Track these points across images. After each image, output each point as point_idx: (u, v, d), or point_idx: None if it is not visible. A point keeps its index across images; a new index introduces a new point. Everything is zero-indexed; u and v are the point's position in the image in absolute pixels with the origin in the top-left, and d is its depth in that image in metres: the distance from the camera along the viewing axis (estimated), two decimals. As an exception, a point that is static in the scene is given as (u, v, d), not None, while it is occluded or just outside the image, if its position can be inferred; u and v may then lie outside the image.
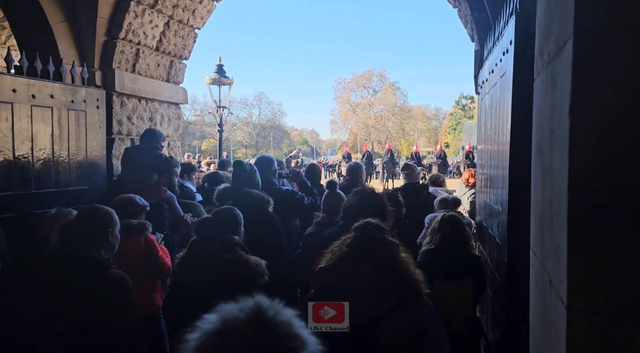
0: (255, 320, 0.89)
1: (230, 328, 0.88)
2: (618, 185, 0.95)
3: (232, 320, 0.89)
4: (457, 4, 5.77)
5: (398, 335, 1.68)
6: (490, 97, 3.95)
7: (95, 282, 2.36)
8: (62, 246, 2.46)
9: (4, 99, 4.24)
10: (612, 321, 0.95)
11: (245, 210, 3.34)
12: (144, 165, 4.71)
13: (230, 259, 2.74)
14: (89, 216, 2.59)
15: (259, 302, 0.93)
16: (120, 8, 5.52)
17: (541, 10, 1.39)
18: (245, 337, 0.86)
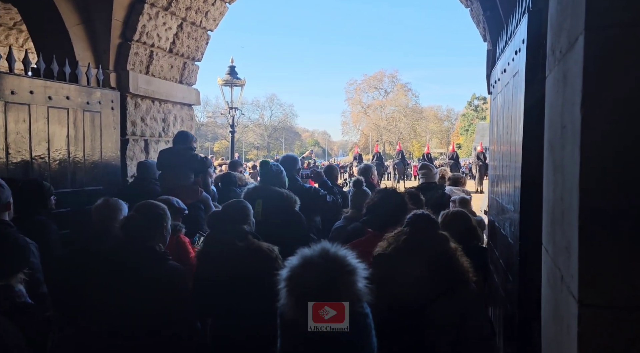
0: (323, 254, 1.35)
1: (308, 260, 1.35)
2: (629, 180, 0.95)
3: (308, 256, 1.36)
4: (469, 3, 5.76)
5: (444, 317, 1.92)
6: (503, 96, 3.93)
7: (157, 272, 2.56)
8: (126, 238, 2.66)
9: (22, 100, 4.32)
10: (623, 315, 0.96)
11: (272, 208, 3.56)
12: (181, 165, 4.84)
13: (243, 246, 2.85)
14: (147, 210, 2.77)
15: (324, 244, 1.41)
16: (134, 10, 5.60)
17: (553, 7, 1.39)
18: (317, 264, 1.33)
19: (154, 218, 2.75)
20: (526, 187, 2.86)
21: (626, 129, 0.95)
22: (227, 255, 2.83)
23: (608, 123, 0.96)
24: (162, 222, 2.78)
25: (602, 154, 0.96)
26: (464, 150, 52.65)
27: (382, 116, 61.70)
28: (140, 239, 2.65)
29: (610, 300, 0.96)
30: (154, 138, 6.27)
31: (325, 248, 1.35)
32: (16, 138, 4.29)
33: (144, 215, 2.73)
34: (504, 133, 3.76)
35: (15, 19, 7.68)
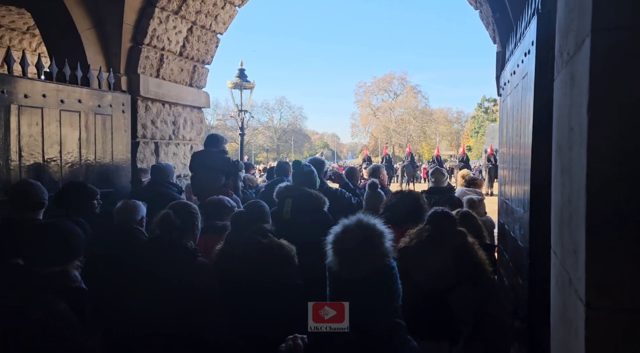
0: (358, 223, 1.71)
1: (347, 227, 1.71)
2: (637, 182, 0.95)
3: (347, 224, 1.72)
4: (478, 5, 5.74)
5: (464, 303, 2.26)
6: (512, 98, 3.91)
7: (188, 267, 2.72)
8: (161, 234, 2.85)
9: (35, 103, 4.39)
10: (631, 318, 0.95)
11: (302, 208, 3.72)
12: (214, 168, 4.98)
13: (267, 243, 3.04)
14: (180, 209, 2.95)
15: (360, 216, 1.77)
16: (145, 15, 5.66)
17: (561, 9, 1.39)
18: (354, 230, 1.68)
19: (187, 216, 2.90)
20: (536, 189, 2.84)
21: (633, 131, 0.95)
22: (251, 250, 2.95)
23: (615, 125, 0.95)
24: (194, 220, 2.95)
25: (609, 156, 0.96)
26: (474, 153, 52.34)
27: (392, 118, 61.59)
28: (175, 236, 2.81)
29: (618, 303, 0.96)
30: (164, 141, 6.32)
31: (359, 218, 1.73)
32: (29, 141, 4.35)
33: (178, 213, 2.88)
34: (514, 135, 3.74)
35: (29, 24, 7.79)
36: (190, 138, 6.90)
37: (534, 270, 2.86)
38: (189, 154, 6.90)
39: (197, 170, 5.11)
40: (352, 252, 1.61)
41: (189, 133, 6.87)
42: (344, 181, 5.35)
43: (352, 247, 1.61)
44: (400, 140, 59.03)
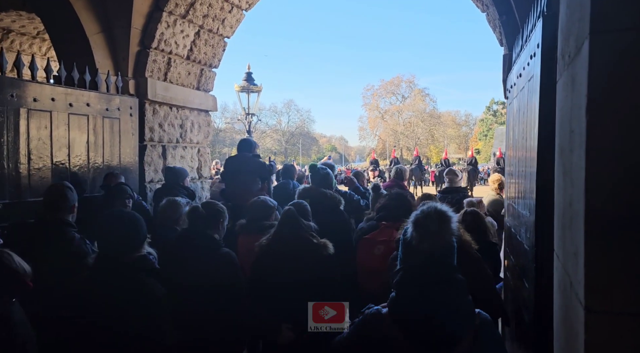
0: (436, 209, 2.05)
1: (427, 212, 2.04)
2: (635, 185, 0.94)
3: (426, 210, 2.05)
4: (485, 8, 5.73)
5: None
6: (518, 101, 3.89)
7: (214, 255, 3.03)
8: (191, 225, 3.18)
9: (43, 107, 4.43)
10: (630, 322, 0.94)
11: (320, 207, 3.96)
12: (249, 172, 5.14)
13: (317, 243, 3.22)
14: (209, 206, 3.28)
15: (434, 204, 2.11)
16: (152, 19, 5.71)
17: (563, 12, 1.39)
18: (433, 214, 2.02)
19: (214, 212, 3.23)
20: (541, 192, 2.82)
21: (632, 133, 0.94)
22: (301, 247, 3.14)
23: (614, 128, 0.95)
24: (220, 218, 3.25)
25: (608, 159, 0.95)
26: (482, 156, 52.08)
27: (400, 121, 61.45)
28: (202, 226, 3.13)
29: (618, 307, 0.95)
30: (171, 144, 6.36)
31: (434, 205, 2.09)
32: (38, 144, 4.40)
33: (207, 209, 3.23)
34: (520, 138, 3.72)
35: (39, 28, 7.89)
36: (197, 141, 6.94)
37: (539, 273, 2.84)
38: (197, 157, 6.94)
39: (232, 175, 5.27)
40: (430, 230, 2.00)
41: (197, 136, 6.90)
42: (355, 185, 5.62)
43: (433, 227, 2.00)
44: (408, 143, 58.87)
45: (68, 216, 3.36)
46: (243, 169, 5.17)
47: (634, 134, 0.94)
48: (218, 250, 3.08)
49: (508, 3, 4.83)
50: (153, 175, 6.02)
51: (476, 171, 23.26)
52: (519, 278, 3.55)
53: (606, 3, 0.93)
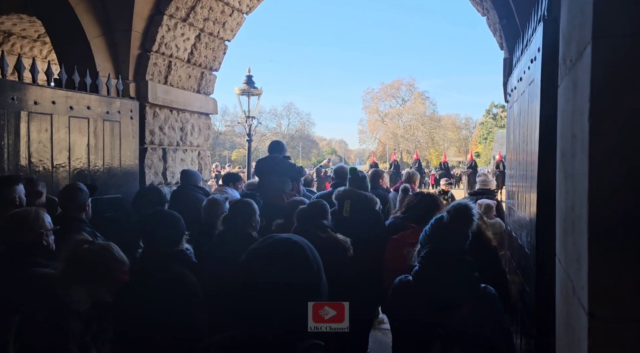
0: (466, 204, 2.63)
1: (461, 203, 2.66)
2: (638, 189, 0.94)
3: (457, 205, 2.64)
4: (485, 12, 5.74)
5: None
6: (519, 105, 3.90)
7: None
8: (230, 221, 3.44)
9: (44, 110, 4.44)
10: (634, 327, 0.94)
11: (358, 207, 4.27)
12: (280, 173, 5.34)
13: (325, 237, 3.51)
14: (243, 204, 3.57)
15: (461, 201, 2.69)
16: (153, 22, 5.72)
17: (564, 16, 1.39)
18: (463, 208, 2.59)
19: (248, 210, 3.49)
20: (542, 196, 2.82)
21: (634, 138, 0.94)
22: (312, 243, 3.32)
23: (616, 132, 0.95)
24: (254, 214, 3.53)
25: (611, 164, 0.95)
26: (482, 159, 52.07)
27: (400, 125, 61.51)
28: (241, 223, 3.40)
29: (621, 312, 0.95)
30: (171, 147, 6.36)
31: (461, 201, 2.63)
32: (38, 147, 4.40)
33: (242, 206, 3.52)
34: (521, 142, 3.73)
35: (40, 32, 7.90)
36: (197, 144, 6.94)
37: (540, 277, 2.83)
38: (197, 160, 6.94)
39: (263, 176, 5.49)
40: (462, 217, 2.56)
41: (197, 139, 6.90)
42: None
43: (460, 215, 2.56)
44: (408, 147, 58.90)
45: (81, 214, 3.61)
46: (274, 170, 5.36)
47: (637, 139, 0.94)
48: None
49: (508, 7, 4.84)
50: (153, 178, 6.02)
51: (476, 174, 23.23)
52: (520, 282, 3.55)
53: (608, 8, 0.93)
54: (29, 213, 2.80)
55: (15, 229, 2.71)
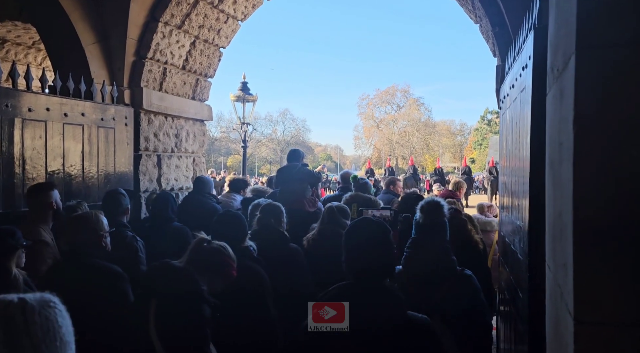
0: (432, 199, 3.26)
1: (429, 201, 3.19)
2: (622, 196, 0.96)
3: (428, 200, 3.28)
4: (478, 19, 5.79)
5: None
6: (511, 111, 3.93)
7: (283, 249, 3.60)
8: (264, 221, 3.75)
9: (38, 117, 4.43)
10: (619, 332, 0.95)
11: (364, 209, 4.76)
12: (300, 180, 5.70)
13: None
14: (273, 206, 3.89)
15: (434, 197, 3.51)
16: (148, 29, 5.74)
17: (551, 26, 1.41)
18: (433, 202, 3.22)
19: (278, 211, 3.82)
20: (534, 202, 2.84)
21: (618, 146, 0.96)
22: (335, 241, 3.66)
23: (600, 141, 0.97)
24: (282, 216, 3.84)
25: (596, 171, 0.97)
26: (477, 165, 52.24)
27: (395, 131, 61.67)
28: (273, 223, 3.72)
29: (607, 318, 0.96)
30: (166, 153, 6.36)
31: (433, 198, 3.07)
32: (32, 154, 4.39)
33: (272, 208, 3.85)
34: (513, 148, 3.76)
35: (34, 38, 7.89)
36: (192, 150, 6.94)
37: (533, 283, 2.85)
38: (192, 167, 6.94)
39: (284, 183, 5.87)
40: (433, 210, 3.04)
41: (192, 146, 6.91)
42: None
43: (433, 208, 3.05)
44: (404, 153, 59.04)
45: (124, 217, 3.90)
46: (294, 177, 5.73)
47: (621, 148, 0.96)
48: (288, 245, 3.70)
49: (501, 15, 4.89)
50: (148, 185, 6.01)
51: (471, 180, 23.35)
52: (513, 288, 3.56)
53: (591, 19, 0.96)
54: (90, 216, 3.06)
55: (77, 231, 2.96)
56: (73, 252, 2.89)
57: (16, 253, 2.68)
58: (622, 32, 0.94)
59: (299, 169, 5.84)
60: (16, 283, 2.59)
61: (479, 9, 5.38)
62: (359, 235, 2.04)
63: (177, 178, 6.54)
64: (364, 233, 2.03)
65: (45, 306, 0.80)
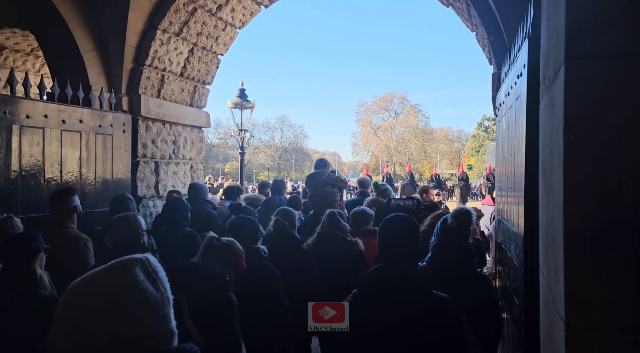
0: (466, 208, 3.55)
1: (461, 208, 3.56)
2: (611, 203, 0.98)
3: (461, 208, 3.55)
4: (475, 28, 5.85)
5: None
6: (507, 119, 3.96)
7: (295, 252, 3.82)
8: (280, 223, 3.97)
9: (36, 124, 4.44)
10: (609, 337, 0.97)
11: (383, 213, 4.72)
12: (332, 185, 6.33)
13: (350, 240, 4.16)
14: (287, 211, 4.21)
15: (463, 207, 3.56)
16: (147, 36, 5.77)
17: (543, 37, 1.44)
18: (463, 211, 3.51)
19: (292, 216, 4.17)
20: (529, 208, 2.86)
21: (607, 154, 0.98)
22: (339, 245, 4.13)
23: (589, 149, 0.99)
24: (294, 219, 4.20)
25: (585, 179, 0.99)
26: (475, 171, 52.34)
27: (392, 137, 61.80)
28: (288, 227, 4.01)
29: (596, 323, 0.98)
30: (164, 160, 6.37)
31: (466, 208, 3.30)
32: (30, 161, 4.40)
33: (287, 214, 4.16)
34: (508, 155, 3.78)
35: (33, 46, 7.92)
36: (190, 157, 6.96)
37: (529, 290, 2.86)
38: (189, 173, 6.95)
39: (313, 189, 6.51)
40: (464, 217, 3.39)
41: (189, 152, 6.92)
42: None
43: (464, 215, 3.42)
44: (401, 159, 59.11)
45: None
46: (325, 182, 6.37)
47: (610, 156, 0.98)
48: (300, 247, 3.97)
49: (496, 24, 4.94)
50: (145, 191, 6.02)
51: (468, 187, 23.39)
52: (509, 295, 3.57)
53: (580, 31, 0.98)
54: (130, 216, 3.41)
55: (120, 230, 3.28)
56: (117, 249, 3.10)
57: (39, 256, 2.81)
58: (608, 43, 0.97)
59: (328, 174, 6.55)
60: (43, 283, 2.74)
61: (474, 18, 5.44)
62: (391, 227, 2.49)
63: (174, 185, 6.54)
64: (395, 227, 2.47)
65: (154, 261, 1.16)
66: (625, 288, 0.97)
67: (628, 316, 0.96)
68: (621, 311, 0.96)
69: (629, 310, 0.96)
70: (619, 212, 0.97)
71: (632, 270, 0.95)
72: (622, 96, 0.96)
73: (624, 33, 0.94)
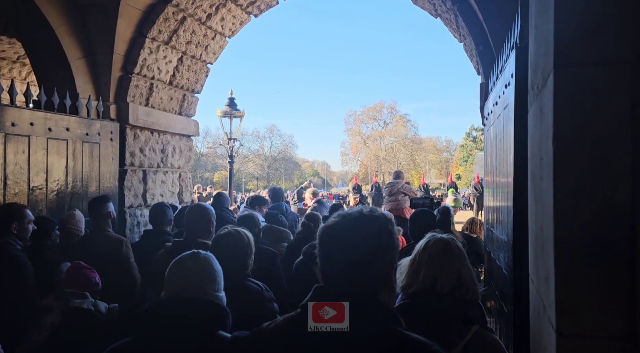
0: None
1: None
2: (601, 211, 0.98)
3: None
4: (462, 38, 5.91)
5: None
6: (495, 128, 4.00)
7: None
8: (307, 226, 4.65)
9: (22, 132, 4.38)
10: (601, 344, 0.97)
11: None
12: (404, 193, 7.62)
13: None
14: (315, 216, 4.80)
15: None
16: (135, 44, 5.74)
17: (531, 45, 1.45)
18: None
19: (318, 219, 4.66)
20: (518, 217, 2.87)
21: (597, 162, 0.98)
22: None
23: (579, 156, 0.99)
24: (320, 223, 4.29)
25: (575, 186, 0.99)
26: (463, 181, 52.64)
27: (382, 147, 62.08)
28: (313, 227, 4.53)
29: (588, 330, 0.97)
30: (152, 168, 6.31)
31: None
32: (14, 169, 4.33)
33: (315, 217, 4.73)
34: (497, 164, 3.81)
35: (19, 53, 7.85)
36: (178, 166, 6.91)
37: (518, 298, 2.86)
38: (177, 182, 6.90)
39: (391, 195, 7.81)
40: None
41: (178, 161, 6.87)
42: None
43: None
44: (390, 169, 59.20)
45: (167, 227, 4.53)
46: (399, 190, 7.80)
47: (599, 164, 0.98)
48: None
49: (484, 34, 5.00)
50: (133, 200, 5.95)
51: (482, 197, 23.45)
52: (498, 303, 3.58)
53: (568, 39, 0.99)
54: (203, 206, 3.88)
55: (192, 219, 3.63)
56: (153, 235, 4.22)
57: (53, 232, 3.86)
58: (597, 51, 0.98)
59: (402, 185, 7.98)
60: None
61: (462, 28, 5.50)
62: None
63: (162, 194, 6.48)
64: None
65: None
66: (616, 295, 0.97)
67: (619, 324, 0.96)
68: (612, 318, 0.96)
69: (619, 317, 0.96)
70: (610, 219, 0.97)
71: (622, 277, 0.95)
72: (611, 103, 0.96)
73: (613, 41, 0.95)
